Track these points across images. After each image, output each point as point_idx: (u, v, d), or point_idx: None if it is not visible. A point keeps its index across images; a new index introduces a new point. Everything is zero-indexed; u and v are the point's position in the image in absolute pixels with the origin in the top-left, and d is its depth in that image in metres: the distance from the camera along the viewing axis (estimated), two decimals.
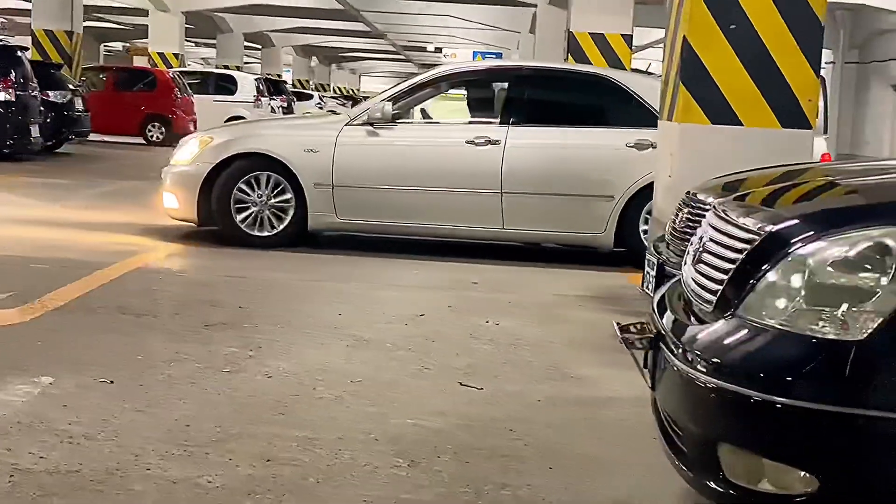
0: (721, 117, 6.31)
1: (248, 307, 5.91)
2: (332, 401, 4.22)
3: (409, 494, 3.29)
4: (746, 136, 6.30)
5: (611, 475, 3.57)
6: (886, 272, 2.32)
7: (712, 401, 2.52)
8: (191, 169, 8.36)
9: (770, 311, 2.48)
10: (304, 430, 3.82)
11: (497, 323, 5.87)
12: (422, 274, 7.51)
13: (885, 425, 2.25)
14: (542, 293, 6.98)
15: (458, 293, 6.80)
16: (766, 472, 2.42)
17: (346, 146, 8.21)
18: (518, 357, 5.16)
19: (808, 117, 6.30)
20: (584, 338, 5.61)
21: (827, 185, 3.51)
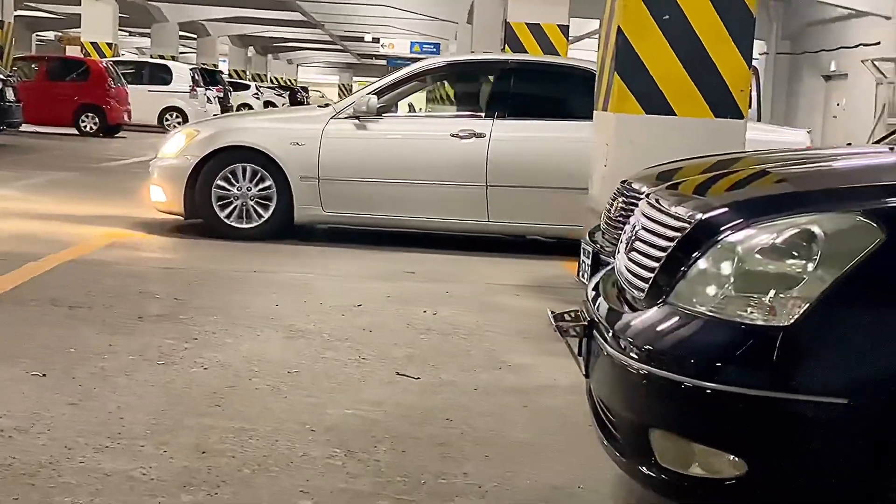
0: (655, 107, 6.37)
1: (184, 299, 5.86)
2: (268, 392, 4.21)
3: (346, 484, 3.29)
4: (680, 126, 6.36)
5: (547, 462, 3.60)
6: (812, 258, 2.36)
7: (644, 387, 2.55)
8: (178, 162, 8.38)
9: (700, 298, 2.51)
10: (239, 421, 3.80)
11: (434, 312, 5.89)
12: (360, 264, 7.50)
13: (810, 409, 2.29)
14: (480, 282, 7.01)
15: (396, 283, 6.80)
16: (696, 456, 2.46)
17: (332, 139, 8.26)
18: (455, 346, 5.18)
19: (741, 107, 6.38)
20: (521, 326, 5.64)
21: (758, 173, 3.56)
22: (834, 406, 2.27)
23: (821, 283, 2.31)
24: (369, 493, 3.23)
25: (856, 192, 2.62)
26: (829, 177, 3.20)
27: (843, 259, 2.31)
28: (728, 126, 6.38)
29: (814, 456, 2.31)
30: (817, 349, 2.32)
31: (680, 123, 6.38)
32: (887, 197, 2.48)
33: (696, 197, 3.14)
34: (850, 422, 2.27)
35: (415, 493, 3.26)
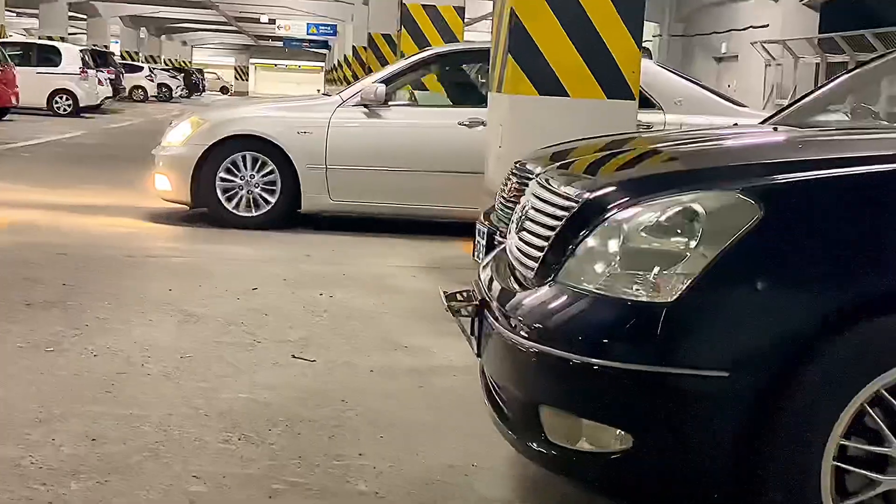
0: (549, 88, 6.41)
1: (74, 284, 5.74)
2: (160, 377, 4.15)
3: (239, 468, 3.27)
4: (573, 107, 6.41)
5: (442, 442, 3.62)
6: (694, 236, 2.41)
7: (533, 365, 2.58)
8: (184, 151, 8.32)
9: (588, 277, 2.55)
10: (130, 407, 3.75)
11: (331, 295, 5.87)
12: (256, 247, 7.44)
13: (692, 382, 2.34)
14: (377, 264, 7.01)
15: (293, 266, 6.76)
16: (583, 431, 2.49)
17: (340, 128, 8.24)
18: (351, 329, 5.17)
19: (632, 88, 6.47)
20: (418, 308, 5.66)
21: (648, 152, 3.62)
22: (715, 379, 2.32)
23: (702, 260, 2.36)
24: (263, 477, 3.21)
25: (737, 171, 2.68)
26: (713, 156, 3.27)
27: (724, 236, 2.37)
28: (620, 107, 6.45)
29: (696, 428, 2.36)
30: (699, 324, 2.37)
31: (573, 105, 6.43)
32: (766, 175, 2.53)
33: (585, 176, 3.19)
34: (730, 394, 2.33)
35: (309, 475, 3.26)
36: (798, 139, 3.42)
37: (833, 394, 2.31)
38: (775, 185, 2.46)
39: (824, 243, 2.37)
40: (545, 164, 5.03)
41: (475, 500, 3.14)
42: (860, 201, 2.42)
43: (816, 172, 2.50)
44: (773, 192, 2.42)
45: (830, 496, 2.33)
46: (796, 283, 2.35)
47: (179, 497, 3.03)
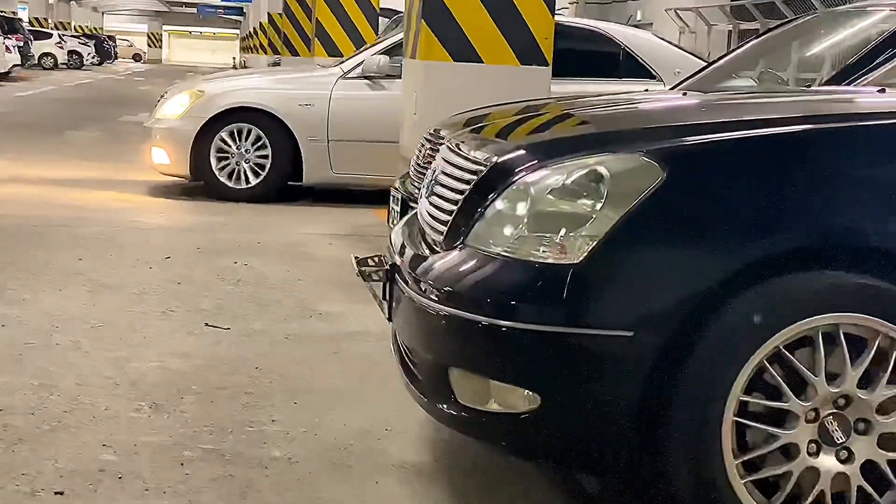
0: (462, 55, 6.42)
1: None
2: (69, 347, 4.10)
3: (150, 437, 3.25)
4: (487, 73, 6.43)
5: (356, 407, 3.63)
6: (600, 198, 2.43)
7: (443, 328, 2.59)
8: (182, 123, 8.25)
9: (496, 239, 2.57)
10: (39, 378, 3.70)
11: (246, 263, 5.83)
12: (170, 216, 7.36)
13: (598, 343, 2.38)
14: (293, 232, 6.97)
15: (207, 234, 6.70)
16: (492, 393, 2.52)
17: (342, 100, 8.17)
18: (266, 296, 5.14)
19: (545, 55, 6.50)
20: (333, 275, 5.64)
21: (559, 117, 3.65)
22: (619, 339, 2.36)
23: (607, 222, 2.39)
24: (174, 445, 3.20)
25: (641, 134, 2.71)
26: (621, 120, 3.30)
27: (628, 198, 2.40)
28: (533, 73, 6.48)
29: (602, 387, 2.40)
30: (604, 285, 2.40)
31: (487, 71, 6.44)
32: (670, 137, 2.57)
33: (494, 140, 3.21)
34: (634, 354, 2.37)
35: (222, 442, 3.25)
36: (703, 103, 3.47)
37: (734, 351, 2.36)
38: (678, 148, 2.50)
39: (725, 204, 2.42)
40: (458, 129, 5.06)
41: (389, 463, 3.15)
42: (760, 163, 2.47)
43: (718, 135, 2.54)
44: (675, 155, 2.46)
45: (731, 451, 2.39)
46: (698, 243, 2.40)
47: (89, 466, 3.00)
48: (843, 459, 2.43)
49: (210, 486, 2.93)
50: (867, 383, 2.42)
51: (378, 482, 3.03)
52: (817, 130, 2.57)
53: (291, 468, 3.09)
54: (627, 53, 8.60)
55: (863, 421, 2.43)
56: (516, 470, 3.11)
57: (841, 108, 3.06)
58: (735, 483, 2.40)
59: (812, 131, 2.57)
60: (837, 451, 2.43)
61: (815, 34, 5.93)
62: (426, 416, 3.27)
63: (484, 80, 6.40)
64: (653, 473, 2.47)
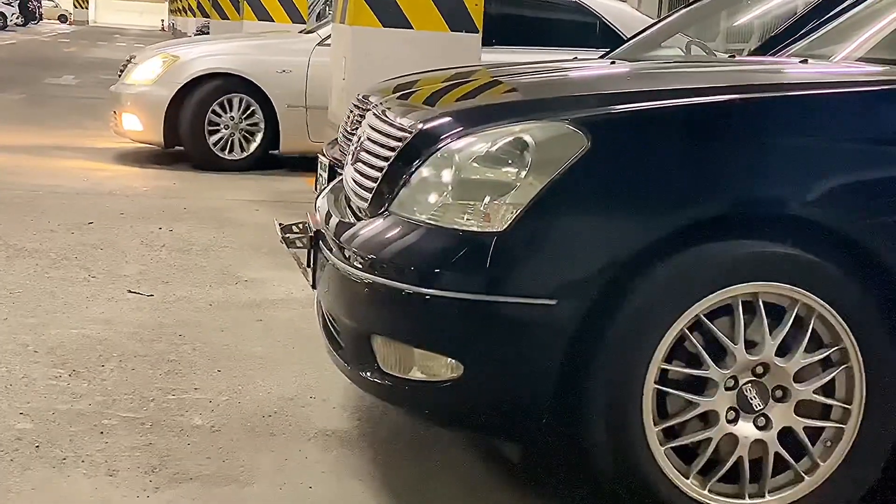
0: (392, 20, 6.36)
1: None
2: None
3: (68, 405, 3.19)
4: (416, 40, 6.38)
5: (279, 374, 3.60)
6: (524, 166, 2.42)
7: (367, 295, 2.57)
8: (155, 89, 8.04)
9: (420, 207, 2.54)
10: None
11: (171, 229, 5.75)
12: (93, 180, 7.22)
13: (521, 311, 2.37)
14: (218, 198, 6.89)
15: (131, 199, 6.60)
16: (416, 361, 2.50)
17: (320, 67, 7.88)
18: (190, 263, 5.08)
19: (475, 21, 6.47)
20: (259, 241, 5.59)
21: (487, 84, 3.63)
22: (542, 307, 2.35)
23: (531, 190, 2.38)
24: (93, 413, 3.15)
25: (566, 102, 2.70)
26: (547, 87, 3.29)
27: (552, 166, 2.39)
28: (463, 40, 6.45)
29: (524, 356, 2.40)
30: (527, 253, 2.39)
31: (416, 37, 6.40)
32: (595, 106, 2.57)
33: (421, 107, 3.18)
34: (556, 322, 2.36)
35: (142, 410, 3.20)
36: (630, 72, 3.47)
37: (655, 319, 2.37)
38: (602, 116, 2.49)
39: (647, 173, 2.42)
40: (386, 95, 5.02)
41: (312, 431, 3.13)
42: (682, 132, 2.47)
43: (642, 104, 2.54)
44: (600, 123, 2.45)
45: (652, 419, 2.41)
46: (621, 212, 2.39)
47: (5, 434, 2.94)
48: (761, 426, 2.46)
49: (129, 454, 2.89)
50: (785, 351, 2.44)
51: (301, 450, 3.01)
52: (740, 101, 2.58)
53: (212, 436, 3.06)
54: (604, 23, 8.58)
55: (780, 388, 2.46)
56: (439, 437, 3.11)
57: (764, 79, 3.08)
58: (655, 450, 2.42)
59: (735, 101, 2.57)
60: (755, 419, 2.46)
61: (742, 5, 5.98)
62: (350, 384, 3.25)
63: (413, 46, 6.35)
64: (574, 441, 2.48)
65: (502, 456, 3.05)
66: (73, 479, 2.73)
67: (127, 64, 8.68)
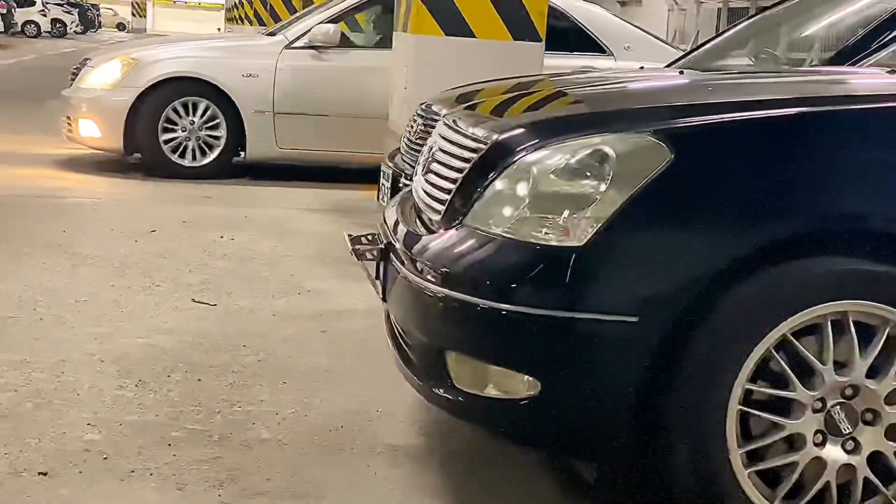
0: (454, 29, 6.32)
1: None
2: (52, 322, 4.01)
3: (136, 416, 3.17)
4: (479, 48, 6.34)
5: (344, 387, 3.55)
6: (605, 179, 2.36)
7: (440, 310, 2.52)
8: (114, 94, 7.73)
9: (496, 220, 2.49)
10: (20, 353, 3.61)
11: (232, 238, 5.74)
12: (154, 188, 7.25)
13: (601, 328, 2.30)
14: (280, 208, 6.88)
15: (193, 208, 6.61)
16: (491, 377, 2.44)
17: (288, 71, 7.79)
18: (253, 272, 5.06)
19: (538, 30, 6.41)
20: (320, 251, 5.57)
21: (554, 94, 3.57)
22: (623, 324, 2.29)
23: (612, 204, 2.32)
24: (161, 424, 3.12)
25: (646, 113, 2.63)
26: (622, 98, 3.22)
27: (634, 179, 2.32)
28: (526, 49, 6.40)
29: (604, 374, 2.33)
30: (608, 269, 2.33)
31: (479, 46, 6.36)
32: (676, 117, 2.49)
33: (493, 118, 3.12)
34: (638, 339, 2.30)
35: (209, 422, 3.17)
36: (707, 83, 3.39)
37: (740, 338, 2.30)
38: (686, 128, 2.42)
39: (733, 187, 2.34)
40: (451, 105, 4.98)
41: (380, 447, 3.09)
42: (770, 145, 2.39)
43: (727, 115, 2.46)
44: (684, 135, 2.38)
45: (736, 440, 2.33)
46: (706, 226, 2.32)
47: (74, 445, 2.92)
48: (850, 450, 2.37)
49: (197, 467, 2.85)
50: (875, 373, 2.36)
51: (369, 465, 2.96)
52: (830, 112, 2.49)
53: (280, 451, 3.02)
54: (578, 28, 8.44)
55: (870, 411, 2.37)
56: (509, 454, 3.04)
57: (854, 90, 2.99)
58: (739, 473, 2.34)
59: (825, 113, 2.49)
60: (844, 442, 2.37)
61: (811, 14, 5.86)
62: (417, 398, 3.21)
63: (475, 55, 6.31)
64: (653, 462, 2.41)
65: (577, 475, 2.98)
66: (141, 493, 2.70)
67: (81, 67, 8.24)
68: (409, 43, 6.46)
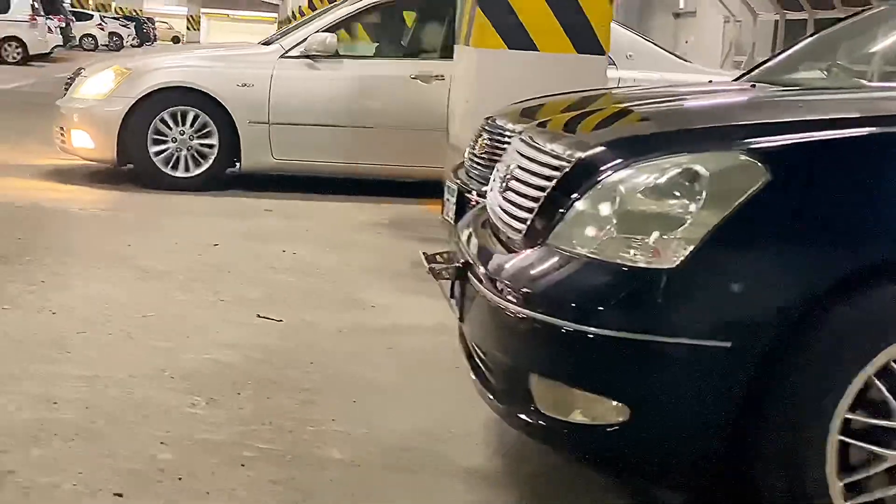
0: (517, 42, 6.26)
1: (28, 238, 5.55)
2: (121, 337, 4.00)
3: (207, 434, 3.13)
4: (542, 62, 6.28)
5: (415, 406, 3.50)
6: (696, 199, 2.29)
7: (522, 331, 2.45)
8: (108, 104, 7.62)
9: (581, 240, 2.42)
10: (91, 368, 3.59)
11: (294, 252, 5.72)
12: (215, 201, 7.25)
13: (694, 353, 2.23)
14: (339, 221, 6.85)
15: (253, 221, 6.60)
16: (577, 402, 2.38)
17: (284, 80, 7.68)
18: (316, 286, 5.03)
19: (602, 43, 6.34)
20: (382, 265, 5.53)
21: (624, 111, 3.50)
22: (717, 350, 2.21)
23: (705, 224, 2.24)
24: (233, 444, 3.08)
25: (737, 130, 2.55)
26: (705, 114, 3.14)
27: (728, 200, 2.25)
28: (589, 62, 6.32)
29: (697, 400, 2.26)
30: (701, 291, 2.25)
31: (541, 59, 6.29)
32: (770, 135, 2.42)
33: (574, 135, 3.06)
34: (732, 365, 2.22)
35: (280, 441, 3.13)
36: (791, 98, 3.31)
37: (840, 365, 2.21)
38: (783, 147, 2.34)
39: (832, 207, 2.26)
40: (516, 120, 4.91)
41: (454, 469, 3.02)
42: (870, 163, 2.31)
43: (823, 133, 2.38)
44: (781, 154, 2.31)
45: (835, 472, 2.24)
46: (803, 248, 2.24)
47: (147, 465, 2.89)
48: None
49: (272, 488, 2.81)
50: None
51: (444, 489, 2.90)
52: None
53: (353, 472, 2.97)
54: None
55: None
56: (590, 479, 2.96)
57: None
58: None
59: None
60: None
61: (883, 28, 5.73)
62: (490, 418, 3.15)
63: (538, 69, 6.25)
64: (746, 494, 2.33)
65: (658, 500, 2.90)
66: None
67: (74, 77, 8.15)
68: (471, 57, 6.41)
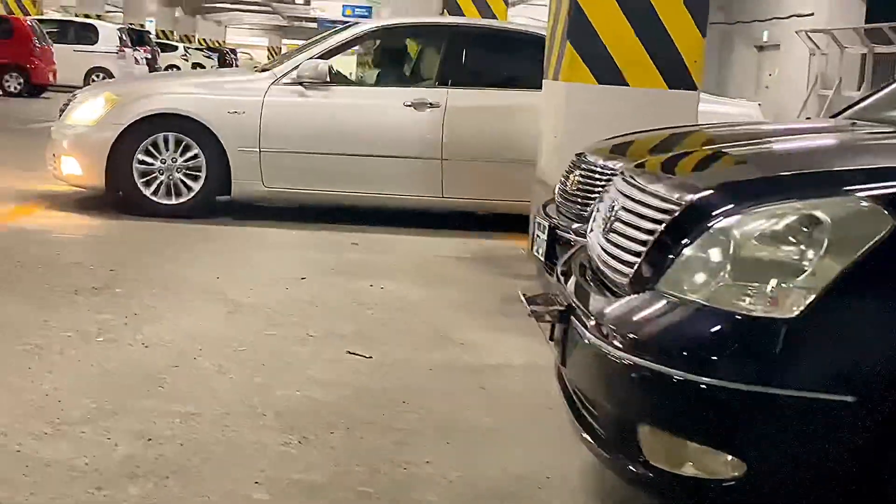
0: (607, 77, 6.21)
1: (120, 270, 5.59)
2: (213, 371, 3.99)
3: (302, 474, 3.10)
4: (632, 97, 6.22)
5: (510, 449, 3.43)
6: (817, 246, 2.21)
7: (631, 379, 2.39)
8: (97, 130, 7.53)
9: (692, 286, 2.35)
10: (185, 404, 3.59)
11: (382, 286, 5.69)
12: (302, 234, 7.27)
13: (815, 407, 2.15)
14: (425, 256, 6.82)
15: (339, 255, 6.59)
16: (690, 455, 2.30)
17: (275, 107, 7.61)
18: (405, 322, 5.00)
19: (694, 78, 6.26)
20: (470, 301, 5.48)
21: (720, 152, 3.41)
22: (840, 404, 2.13)
23: (827, 274, 2.17)
24: (328, 485, 3.04)
25: (855, 175, 2.47)
26: (814, 157, 3.06)
27: (852, 248, 2.17)
28: (681, 97, 6.25)
29: (818, 457, 2.17)
30: (823, 343, 2.17)
31: (632, 94, 6.23)
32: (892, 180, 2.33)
33: (680, 177, 2.99)
34: (856, 421, 2.13)
35: (374, 483, 3.09)
36: None
37: None
38: None
39: None
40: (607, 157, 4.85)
41: None
42: None
43: None
44: None
45: None
46: None
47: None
48: None
49: None
50: None
51: None
52: None
53: None
54: None
55: None
56: None
57: None
58: None
59: None
60: None
61: None
62: (588, 463, 3.09)
63: (629, 104, 6.19)
64: None
65: None
66: None
67: (69, 103, 7.96)
68: (560, 91, 6.37)
